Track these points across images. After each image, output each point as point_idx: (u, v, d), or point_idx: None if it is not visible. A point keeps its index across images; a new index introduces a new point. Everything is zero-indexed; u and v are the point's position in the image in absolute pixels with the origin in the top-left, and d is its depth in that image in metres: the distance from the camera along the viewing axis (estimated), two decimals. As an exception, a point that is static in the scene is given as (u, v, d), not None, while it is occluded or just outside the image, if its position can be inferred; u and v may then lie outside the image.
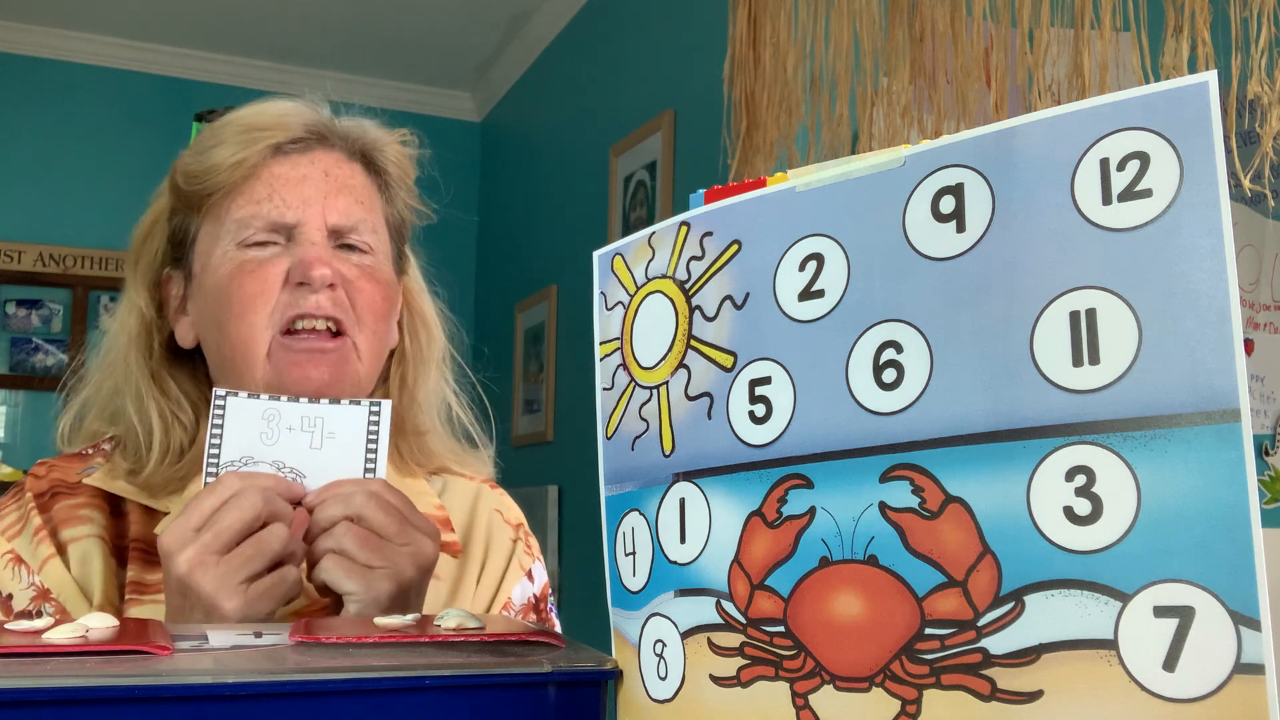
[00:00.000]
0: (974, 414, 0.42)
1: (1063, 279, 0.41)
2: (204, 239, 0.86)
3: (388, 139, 0.91)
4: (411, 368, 0.95)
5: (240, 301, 0.81)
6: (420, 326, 0.96)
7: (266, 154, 0.84)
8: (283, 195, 0.83)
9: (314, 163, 0.86)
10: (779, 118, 1.74)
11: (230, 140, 0.84)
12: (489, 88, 4.27)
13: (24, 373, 3.95)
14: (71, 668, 0.45)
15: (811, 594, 0.46)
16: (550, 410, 3.42)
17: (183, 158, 0.87)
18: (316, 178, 0.85)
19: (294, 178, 0.84)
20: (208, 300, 0.84)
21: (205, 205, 0.85)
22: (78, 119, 4.02)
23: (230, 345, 0.82)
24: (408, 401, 0.94)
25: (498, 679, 0.49)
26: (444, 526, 0.90)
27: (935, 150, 0.45)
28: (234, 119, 0.86)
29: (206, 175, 0.84)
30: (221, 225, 0.84)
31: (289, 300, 0.81)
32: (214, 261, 0.84)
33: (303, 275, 0.81)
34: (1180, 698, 0.37)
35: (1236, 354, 0.37)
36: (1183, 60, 1.21)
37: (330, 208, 0.84)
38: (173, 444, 0.86)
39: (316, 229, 0.84)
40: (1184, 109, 0.39)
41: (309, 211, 0.84)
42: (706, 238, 0.53)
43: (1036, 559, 0.40)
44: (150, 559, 0.82)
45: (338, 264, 0.83)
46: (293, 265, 0.82)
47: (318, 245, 0.83)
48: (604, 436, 0.58)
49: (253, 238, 0.83)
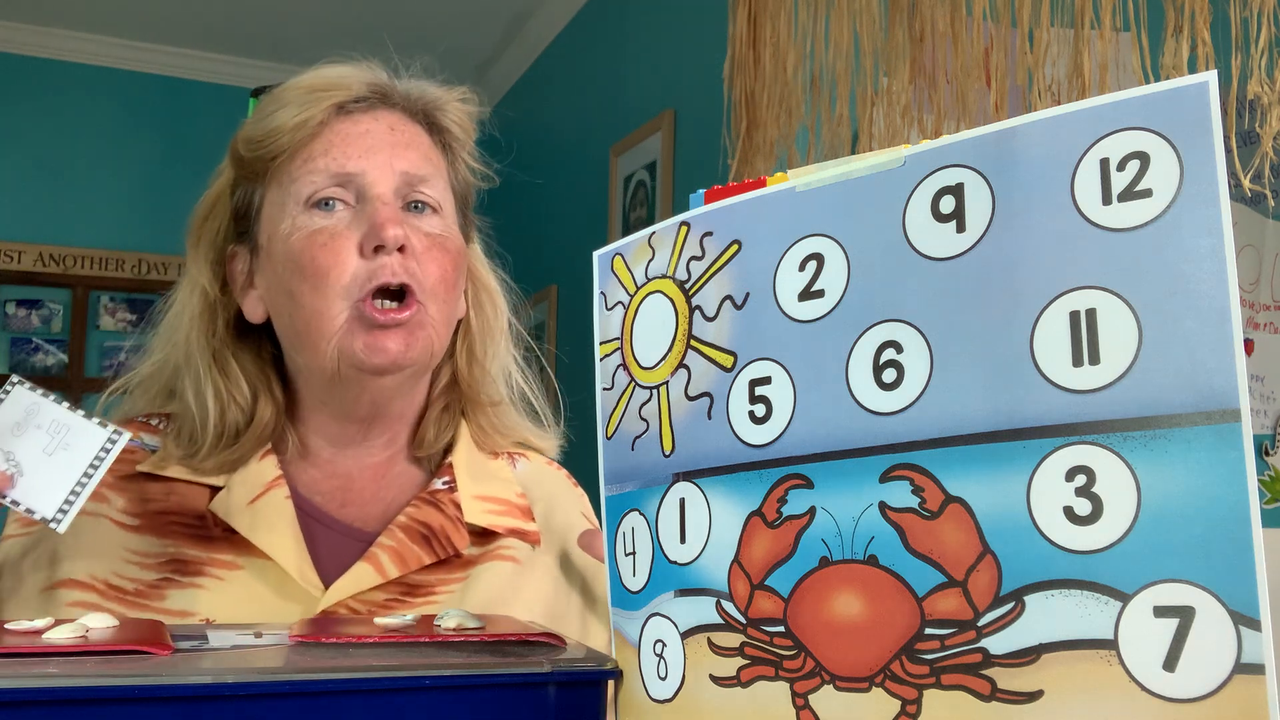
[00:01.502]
0: (974, 414, 0.42)
1: (1063, 279, 0.41)
2: (269, 207, 0.85)
3: (448, 97, 0.91)
4: (479, 340, 0.93)
5: (315, 273, 0.80)
6: (486, 298, 0.95)
7: (330, 113, 0.83)
8: (345, 149, 0.82)
9: (378, 119, 0.85)
10: (779, 118, 1.74)
11: (292, 102, 0.83)
12: (489, 88, 4.27)
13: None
14: (71, 668, 0.45)
15: (811, 594, 0.46)
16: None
17: (244, 127, 0.86)
18: (381, 131, 0.84)
19: (357, 132, 0.83)
20: (278, 271, 0.83)
21: (269, 171, 0.84)
22: (78, 119, 4.02)
23: (304, 317, 0.81)
24: (479, 374, 0.93)
25: (498, 679, 0.49)
26: (524, 515, 0.89)
27: (935, 150, 0.45)
28: (293, 83, 0.85)
29: (269, 139, 0.82)
30: (286, 190, 0.83)
31: (365, 271, 0.80)
32: (283, 230, 0.82)
33: (376, 238, 0.79)
34: (1180, 698, 0.37)
35: (1236, 354, 0.37)
36: (1183, 60, 1.21)
37: (399, 156, 0.83)
38: (228, 427, 0.85)
39: (385, 181, 0.82)
40: (1184, 109, 0.39)
41: (375, 160, 0.82)
42: (706, 238, 0.53)
43: (1036, 559, 0.40)
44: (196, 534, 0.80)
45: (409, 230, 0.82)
46: (365, 234, 0.80)
47: (389, 205, 0.81)
48: (604, 436, 0.58)
49: (319, 193, 0.81)
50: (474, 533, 0.86)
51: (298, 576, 0.78)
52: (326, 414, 0.87)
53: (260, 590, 0.79)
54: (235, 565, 0.79)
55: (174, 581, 0.79)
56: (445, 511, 0.85)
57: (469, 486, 0.88)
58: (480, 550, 0.85)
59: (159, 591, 0.78)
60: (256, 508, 0.81)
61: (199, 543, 0.80)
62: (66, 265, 3.98)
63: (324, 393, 0.86)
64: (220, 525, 0.81)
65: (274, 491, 0.82)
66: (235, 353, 0.88)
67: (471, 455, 0.91)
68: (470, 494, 0.88)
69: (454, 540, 0.83)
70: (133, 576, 0.79)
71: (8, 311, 3.97)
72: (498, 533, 0.87)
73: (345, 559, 0.81)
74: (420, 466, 0.91)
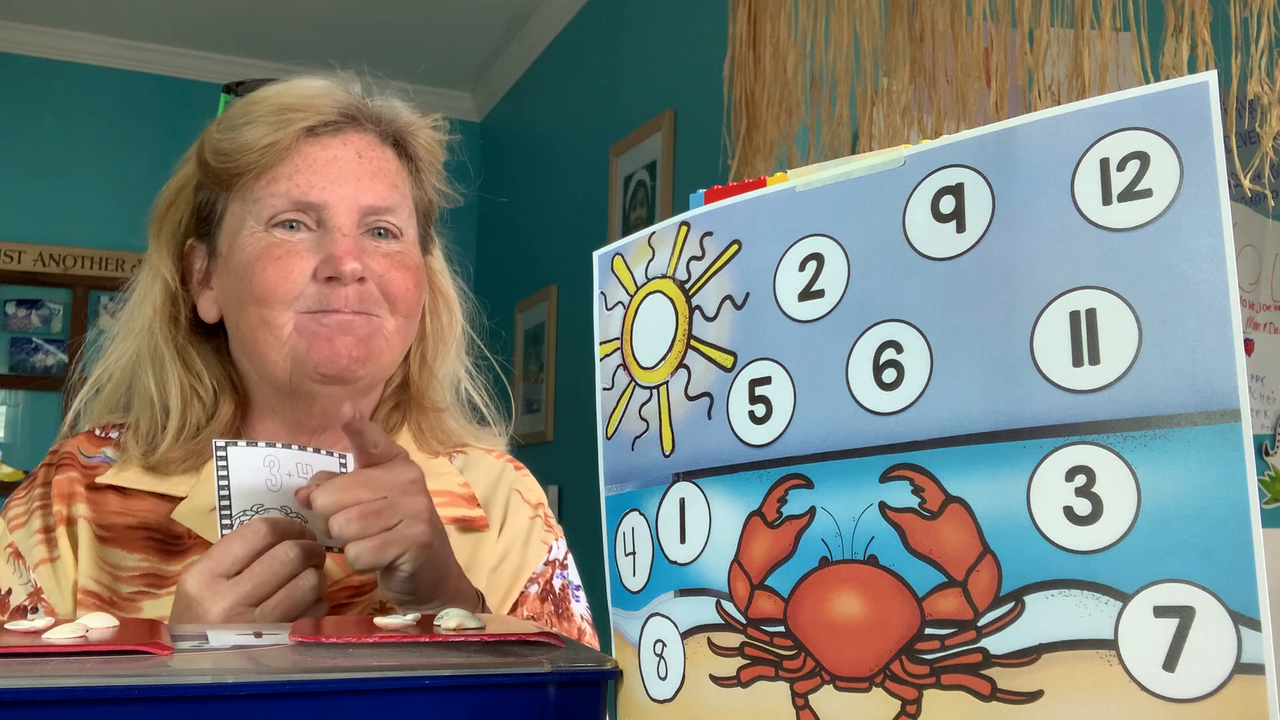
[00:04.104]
0: (974, 414, 0.42)
1: (1063, 279, 0.41)
2: (231, 217, 0.85)
3: (420, 123, 0.91)
4: (432, 345, 0.95)
5: (264, 287, 0.80)
6: (443, 306, 0.96)
7: (298, 135, 0.83)
8: (311, 175, 0.82)
9: (346, 144, 0.85)
10: (779, 118, 1.74)
11: (261, 120, 0.82)
12: (489, 88, 4.27)
13: (24, 373, 3.95)
14: (71, 668, 0.45)
15: (811, 594, 0.46)
16: (550, 410, 3.42)
17: (211, 132, 0.85)
18: (349, 159, 0.84)
19: (325, 158, 0.83)
20: (233, 279, 0.83)
21: (234, 184, 0.84)
22: (78, 119, 4.02)
23: (251, 326, 0.82)
24: (427, 378, 0.94)
25: (498, 679, 0.49)
26: (469, 503, 0.91)
27: (935, 150, 0.45)
28: (265, 97, 0.84)
29: (236, 154, 0.82)
30: (248, 206, 0.83)
31: (316, 295, 0.81)
32: (241, 240, 0.83)
33: (333, 269, 0.80)
34: (1180, 698, 0.37)
35: (1236, 354, 0.37)
36: (1183, 60, 1.21)
37: (364, 189, 0.83)
38: (190, 421, 0.85)
39: (346, 213, 0.82)
40: (1184, 109, 0.39)
41: (339, 192, 0.82)
42: (706, 238, 0.53)
43: (1036, 559, 0.40)
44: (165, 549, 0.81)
45: (367, 257, 0.82)
46: (321, 260, 0.81)
47: (348, 237, 0.82)
48: (604, 436, 0.58)
49: (280, 215, 0.82)
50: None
51: None
52: (278, 422, 0.88)
53: None
54: None
55: (148, 594, 0.79)
56: None
57: None
58: None
59: (133, 603, 0.79)
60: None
61: (169, 557, 0.81)
62: (66, 265, 3.98)
63: (276, 402, 0.87)
64: (187, 533, 0.82)
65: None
66: (198, 348, 0.88)
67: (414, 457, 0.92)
68: None
69: None
70: (107, 584, 0.79)
71: (8, 311, 3.97)
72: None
73: None
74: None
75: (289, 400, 0.85)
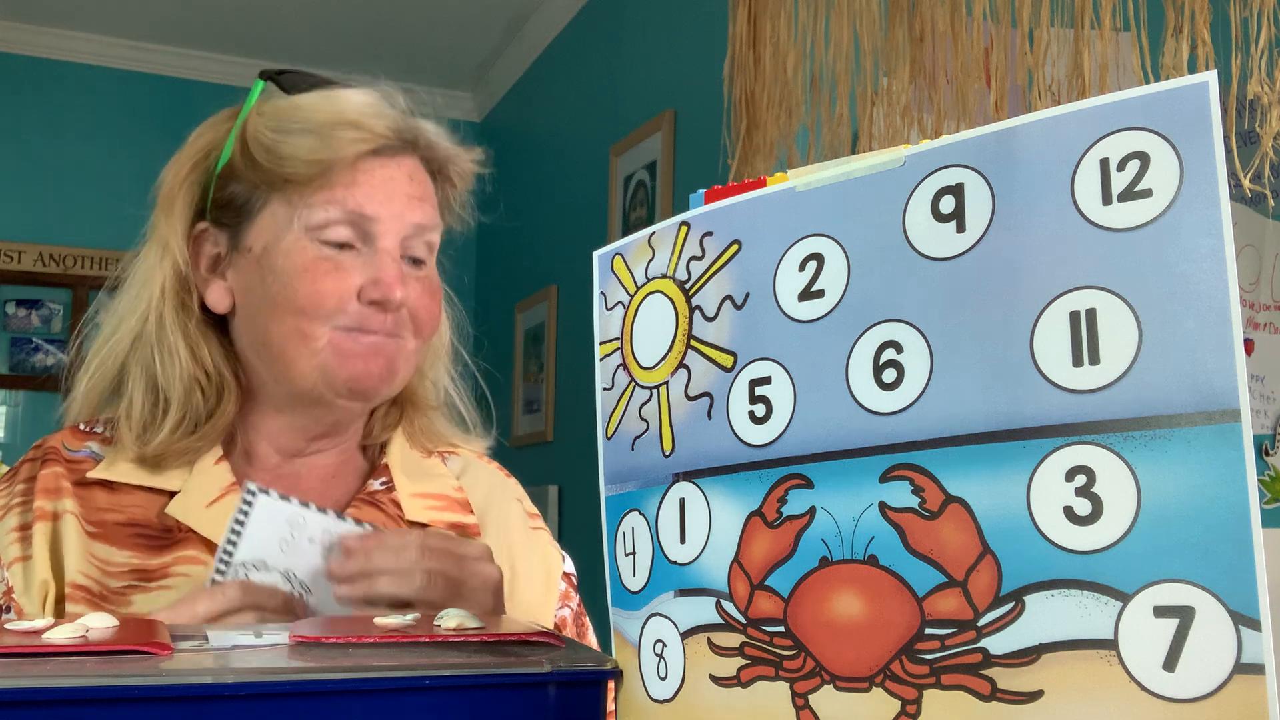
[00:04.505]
0: (974, 414, 0.42)
1: (1063, 279, 0.41)
2: (270, 217, 0.83)
3: (463, 156, 0.92)
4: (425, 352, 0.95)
5: (311, 300, 0.80)
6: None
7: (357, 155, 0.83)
8: (370, 190, 0.83)
9: (400, 166, 0.85)
10: (779, 118, 1.74)
11: (316, 132, 0.82)
12: (489, 88, 4.27)
13: (24, 373, 3.95)
14: (71, 668, 0.45)
15: (811, 594, 0.46)
16: (550, 410, 3.42)
17: (260, 126, 0.84)
18: (401, 180, 0.85)
19: (383, 176, 0.84)
20: (267, 282, 0.82)
21: (281, 186, 0.83)
22: (78, 119, 4.02)
23: (285, 333, 0.81)
24: (419, 380, 0.95)
25: (498, 679, 0.49)
26: (463, 509, 0.91)
27: (935, 150, 0.45)
28: (318, 106, 0.84)
29: (289, 162, 0.82)
30: (295, 209, 0.82)
31: (358, 314, 0.81)
32: (284, 245, 0.82)
33: (381, 295, 0.81)
34: (1180, 698, 0.37)
35: (1236, 354, 0.37)
36: (1183, 60, 1.21)
37: (413, 209, 0.85)
38: (190, 413, 0.84)
39: (395, 233, 0.83)
40: (1184, 109, 0.39)
41: (390, 209, 0.83)
42: (706, 238, 0.53)
43: (1036, 559, 0.40)
44: (154, 544, 0.80)
45: (406, 283, 0.83)
46: (369, 282, 0.81)
47: (396, 263, 0.83)
48: (604, 436, 0.58)
49: (330, 233, 0.82)
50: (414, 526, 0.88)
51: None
52: (282, 424, 0.87)
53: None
54: (198, 560, 0.80)
55: (139, 588, 0.79)
56: (386, 511, 0.87)
57: (406, 485, 0.90)
58: None
59: (123, 597, 0.79)
60: (216, 510, 0.81)
61: (158, 551, 0.80)
62: (66, 265, 3.98)
63: (288, 406, 0.86)
64: (178, 527, 0.81)
65: (231, 496, 0.83)
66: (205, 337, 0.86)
67: (406, 455, 0.94)
68: (409, 492, 0.90)
69: None
70: (96, 579, 0.79)
71: (8, 311, 3.97)
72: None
73: None
74: (365, 456, 0.94)
75: (305, 407, 0.85)
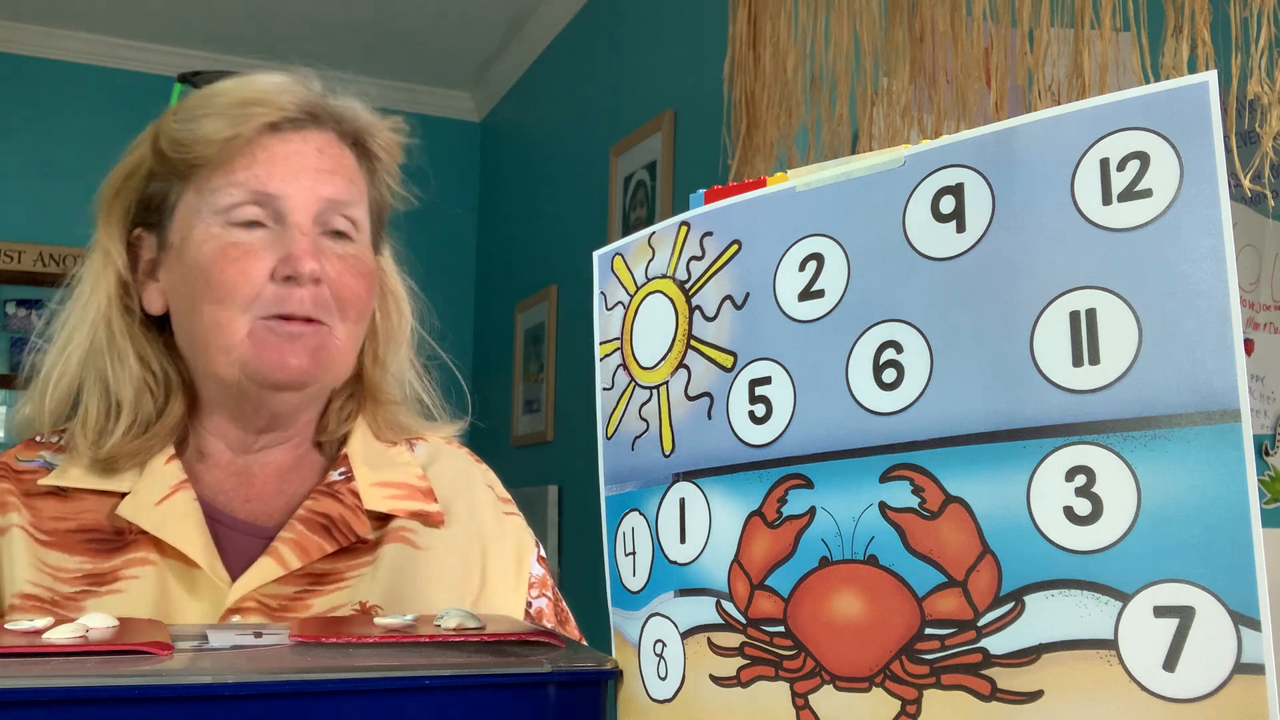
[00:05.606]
0: (974, 414, 0.42)
1: (1063, 279, 0.41)
2: (185, 209, 0.84)
3: (380, 124, 0.91)
4: (383, 342, 0.95)
5: (222, 287, 0.80)
6: (393, 305, 0.96)
7: (260, 129, 0.82)
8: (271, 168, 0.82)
9: (306, 140, 0.84)
10: (779, 118, 1.74)
11: (221, 113, 0.82)
12: (489, 88, 4.27)
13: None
14: (71, 668, 0.45)
15: (811, 594, 0.46)
16: (550, 410, 3.41)
17: (168, 122, 0.85)
18: (309, 154, 0.84)
19: (285, 152, 0.83)
20: (186, 276, 0.82)
21: (190, 174, 0.83)
22: (78, 119, 4.02)
23: (205, 326, 0.81)
24: (380, 373, 0.94)
25: (498, 679, 0.49)
26: (426, 497, 0.90)
27: (935, 150, 0.45)
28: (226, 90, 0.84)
29: (195, 145, 0.82)
30: (204, 197, 0.82)
31: (274, 296, 0.80)
32: (196, 235, 0.82)
33: (291, 269, 0.80)
34: (1180, 698, 0.37)
35: (1236, 354, 0.37)
36: (1183, 60, 1.21)
37: (323, 183, 0.83)
38: (141, 415, 0.85)
39: (305, 208, 0.82)
40: (1184, 109, 0.39)
41: (298, 185, 0.82)
42: (706, 238, 0.53)
43: (1036, 559, 0.40)
44: (106, 547, 0.80)
45: (324, 259, 0.82)
46: (280, 259, 0.80)
47: (306, 236, 0.82)
48: (604, 436, 0.58)
49: (238, 214, 0.81)
50: (375, 516, 0.87)
51: (208, 570, 0.79)
52: (225, 418, 0.87)
53: (172, 587, 0.79)
54: (148, 561, 0.80)
55: (91, 593, 0.79)
56: (344, 501, 0.86)
57: (367, 475, 0.89)
58: (383, 531, 0.87)
59: (75, 602, 0.78)
60: (164, 508, 0.81)
61: (109, 555, 0.80)
62: (66, 265, 3.96)
63: (224, 400, 0.86)
64: (129, 529, 0.81)
65: (181, 494, 0.82)
66: (149, 340, 0.87)
67: (368, 445, 0.92)
68: (368, 482, 0.89)
69: (355, 527, 0.84)
70: (48, 585, 0.79)
71: (8, 311, 3.97)
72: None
73: (250, 556, 0.81)
74: (322, 452, 0.93)
75: (237, 400, 0.85)
